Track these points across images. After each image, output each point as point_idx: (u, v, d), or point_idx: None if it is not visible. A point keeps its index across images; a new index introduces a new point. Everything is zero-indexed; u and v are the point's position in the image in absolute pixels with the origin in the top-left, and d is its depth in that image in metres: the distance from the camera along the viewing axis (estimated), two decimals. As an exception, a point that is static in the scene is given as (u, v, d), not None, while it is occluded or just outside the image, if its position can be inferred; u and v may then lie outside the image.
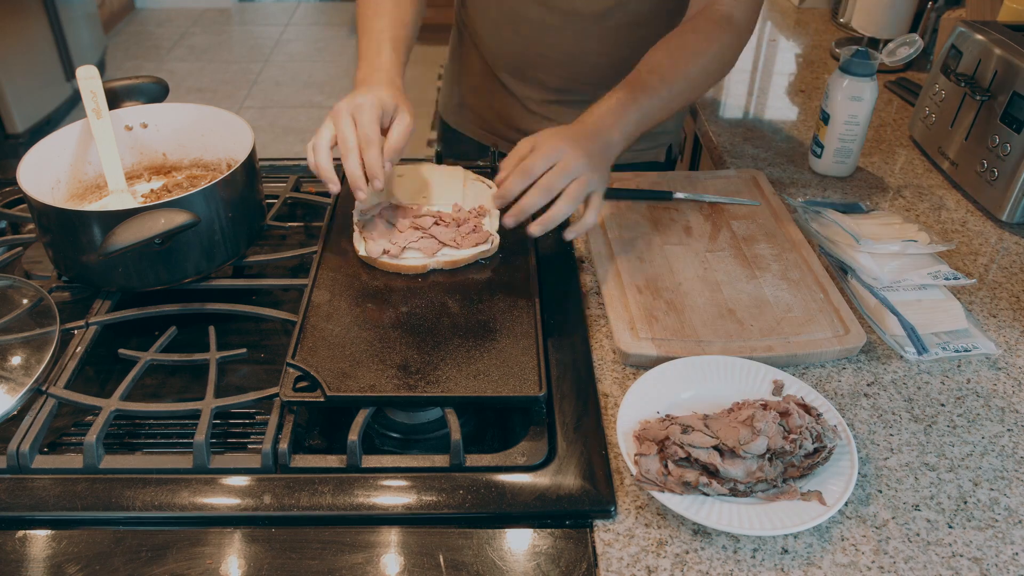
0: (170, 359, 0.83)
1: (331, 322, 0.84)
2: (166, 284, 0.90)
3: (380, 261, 0.92)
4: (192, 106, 1.05)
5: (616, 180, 1.13)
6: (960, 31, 1.20)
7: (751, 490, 0.69)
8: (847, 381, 0.84)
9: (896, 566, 0.66)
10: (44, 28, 3.37)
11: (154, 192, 1.04)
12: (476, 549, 0.66)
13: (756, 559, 0.66)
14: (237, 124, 1.01)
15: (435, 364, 0.79)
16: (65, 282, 0.92)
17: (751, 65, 1.63)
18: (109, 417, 0.75)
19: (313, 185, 1.13)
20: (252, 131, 0.98)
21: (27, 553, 0.66)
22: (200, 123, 1.06)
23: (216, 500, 0.70)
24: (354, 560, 0.66)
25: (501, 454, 0.74)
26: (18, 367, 0.79)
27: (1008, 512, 0.71)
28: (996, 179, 1.10)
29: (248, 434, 0.80)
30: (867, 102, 1.14)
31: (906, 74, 1.55)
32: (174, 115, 1.06)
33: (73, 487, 0.71)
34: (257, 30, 4.71)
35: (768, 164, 1.25)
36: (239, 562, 0.66)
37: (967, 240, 1.08)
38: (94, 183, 1.03)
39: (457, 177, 1.06)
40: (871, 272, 0.94)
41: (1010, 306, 0.96)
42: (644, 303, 0.90)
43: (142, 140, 1.06)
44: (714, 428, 0.71)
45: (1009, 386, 0.85)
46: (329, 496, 0.70)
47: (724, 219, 1.06)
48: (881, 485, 0.73)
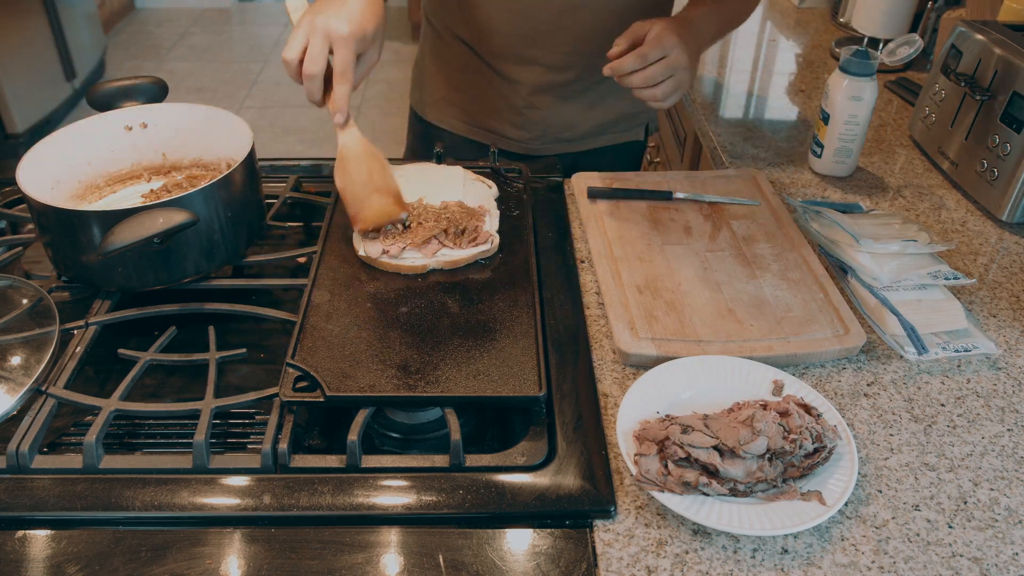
0: (170, 359, 0.83)
1: (331, 322, 0.84)
2: (166, 284, 0.90)
3: (380, 261, 0.92)
4: (192, 106, 1.05)
5: (616, 180, 1.13)
6: (960, 31, 1.20)
7: (751, 490, 0.69)
8: (847, 381, 0.84)
9: (896, 566, 0.66)
10: (44, 28, 3.37)
11: (154, 192, 1.04)
12: (476, 549, 0.66)
13: (756, 559, 0.66)
14: (236, 124, 1.01)
15: (435, 364, 0.79)
16: (65, 282, 0.92)
17: (751, 65, 1.63)
18: (109, 417, 0.75)
19: (313, 185, 1.13)
20: (251, 131, 0.98)
21: (27, 553, 0.66)
22: (200, 123, 1.06)
23: (216, 500, 0.70)
24: (354, 560, 0.66)
25: (501, 454, 0.74)
26: (18, 367, 0.79)
27: (1008, 512, 0.71)
28: (996, 179, 1.10)
29: (248, 434, 0.80)
30: (867, 102, 1.14)
31: (906, 74, 1.55)
32: (174, 115, 1.06)
33: (73, 487, 0.70)
34: (257, 30, 4.71)
35: (768, 164, 1.25)
36: (239, 562, 0.66)
37: (967, 240, 1.08)
38: (94, 183, 1.03)
39: (457, 177, 1.06)
40: (871, 272, 0.94)
41: (1010, 306, 0.96)
42: (644, 303, 0.90)
43: (142, 140, 1.06)
44: (714, 428, 0.71)
45: (1009, 386, 0.85)
46: (329, 496, 0.70)
47: (724, 219, 1.06)
48: (881, 485, 0.73)
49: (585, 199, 1.09)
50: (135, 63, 4.26)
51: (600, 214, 1.06)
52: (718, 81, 1.55)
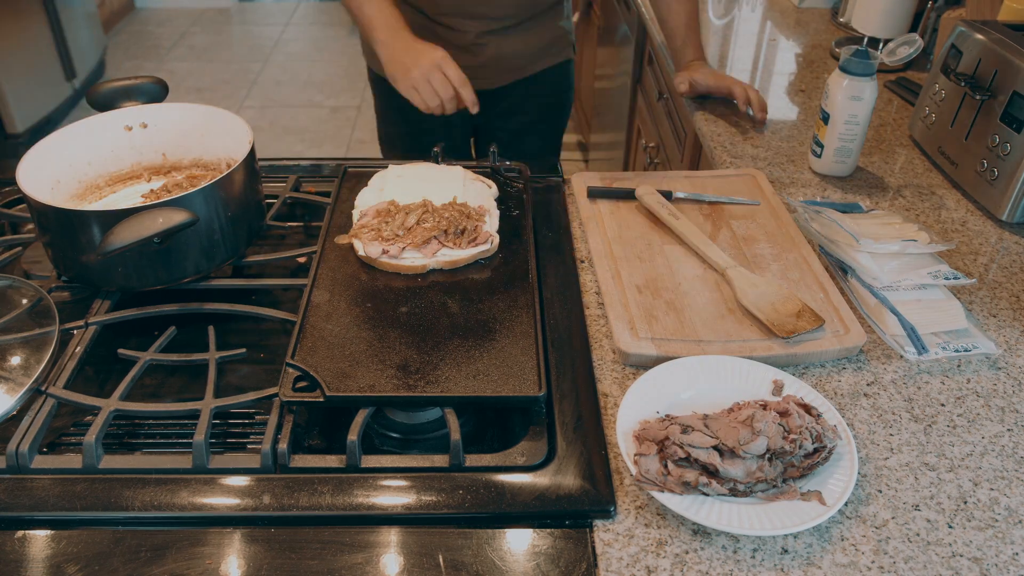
0: (169, 359, 0.83)
1: (331, 322, 0.84)
2: (165, 284, 0.90)
3: (380, 261, 0.92)
4: (192, 106, 1.05)
5: (617, 180, 1.13)
6: (960, 31, 1.20)
7: (751, 490, 0.69)
8: (847, 381, 0.84)
9: (896, 566, 0.66)
10: (44, 28, 3.37)
11: (154, 192, 1.04)
12: (476, 549, 0.66)
13: (756, 559, 0.66)
14: (236, 124, 1.01)
15: (435, 364, 0.79)
16: (65, 282, 0.92)
17: (751, 65, 1.63)
18: (108, 417, 0.75)
19: (313, 185, 1.13)
20: (251, 131, 0.98)
21: (26, 553, 0.66)
22: (200, 123, 1.06)
23: (215, 500, 0.70)
24: (353, 560, 0.66)
25: (501, 454, 0.74)
26: (17, 367, 0.79)
27: (1008, 512, 0.71)
28: (996, 179, 1.10)
29: (247, 434, 0.80)
30: (867, 102, 1.14)
31: (906, 74, 1.55)
32: (174, 115, 1.06)
33: (72, 487, 0.70)
34: (257, 30, 4.71)
35: (768, 164, 1.25)
36: (238, 562, 0.66)
37: (967, 240, 1.08)
38: (94, 183, 1.03)
39: (457, 177, 1.06)
40: (871, 272, 0.94)
41: (1010, 306, 0.96)
42: (644, 303, 0.90)
43: (142, 140, 1.06)
44: (714, 428, 0.71)
45: (1009, 386, 0.84)
46: (328, 496, 0.70)
47: (724, 219, 1.06)
48: (881, 485, 0.73)
49: (585, 199, 1.09)
50: (135, 63, 4.26)
51: (600, 214, 1.06)
52: (718, 81, 1.55)
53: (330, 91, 3.90)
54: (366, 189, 1.04)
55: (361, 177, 1.09)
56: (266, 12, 4.96)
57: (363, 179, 1.08)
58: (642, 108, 2.07)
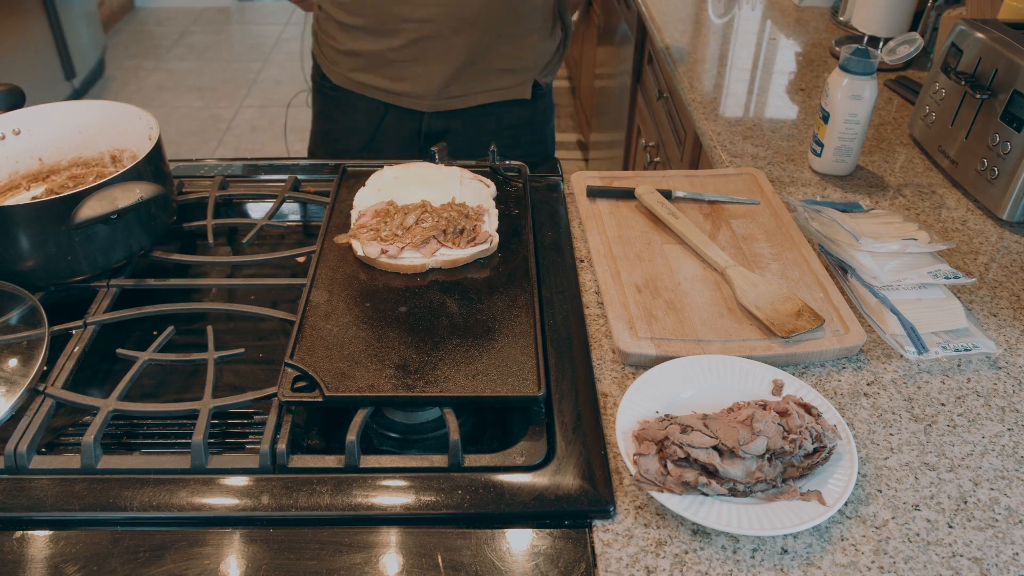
0: (168, 359, 0.83)
1: (330, 322, 0.84)
2: (73, 278, 0.88)
3: (379, 261, 0.92)
4: (64, 104, 1.01)
5: (616, 179, 1.13)
6: (960, 29, 1.20)
7: (750, 490, 0.69)
8: (847, 381, 0.84)
9: (896, 566, 0.66)
10: (44, 28, 3.37)
11: (36, 200, 1.01)
12: (475, 549, 0.66)
13: (755, 559, 0.66)
14: (118, 111, 0.98)
15: (434, 364, 0.79)
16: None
17: (751, 64, 1.63)
18: (107, 417, 0.75)
19: (312, 185, 1.13)
20: (152, 118, 0.95)
21: (25, 553, 0.66)
22: (76, 120, 1.02)
23: (214, 500, 0.70)
24: (352, 560, 0.65)
25: (500, 454, 0.73)
26: (10, 370, 0.79)
27: (1008, 512, 0.71)
28: (996, 178, 1.10)
29: (246, 434, 0.80)
30: (867, 101, 1.14)
31: (906, 73, 1.55)
32: (47, 116, 1.01)
33: (71, 487, 0.70)
34: (257, 29, 4.71)
35: (768, 163, 1.25)
36: (237, 562, 0.66)
37: (967, 239, 1.08)
38: (8, 183, 1.00)
39: (455, 176, 1.06)
40: (871, 271, 0.94)
41: (1010, 305, 0.96)
42: (643, 303, 0.90)
43: (16, 148, 1.00)
44: (713, 428, 0.71)
45: (1009, 385, 0.84)
46: (327, 496, 0.70)
47: (724, 218, 1.06)
48: (881, 485, 0.73)
49: (584, 198, 1.09)
50: (135, 62, 4.26)
51: (599, 213, 1.06)
52: (718, 80, 1.55)
53: (330, 90, 3.89)
54: (363, 189, 1.04)
55: (360, 177, 1.09)
56: (266, 12, 4.96)
57: (362, 179, 1.08)
58: (642, 107, 2.07)
